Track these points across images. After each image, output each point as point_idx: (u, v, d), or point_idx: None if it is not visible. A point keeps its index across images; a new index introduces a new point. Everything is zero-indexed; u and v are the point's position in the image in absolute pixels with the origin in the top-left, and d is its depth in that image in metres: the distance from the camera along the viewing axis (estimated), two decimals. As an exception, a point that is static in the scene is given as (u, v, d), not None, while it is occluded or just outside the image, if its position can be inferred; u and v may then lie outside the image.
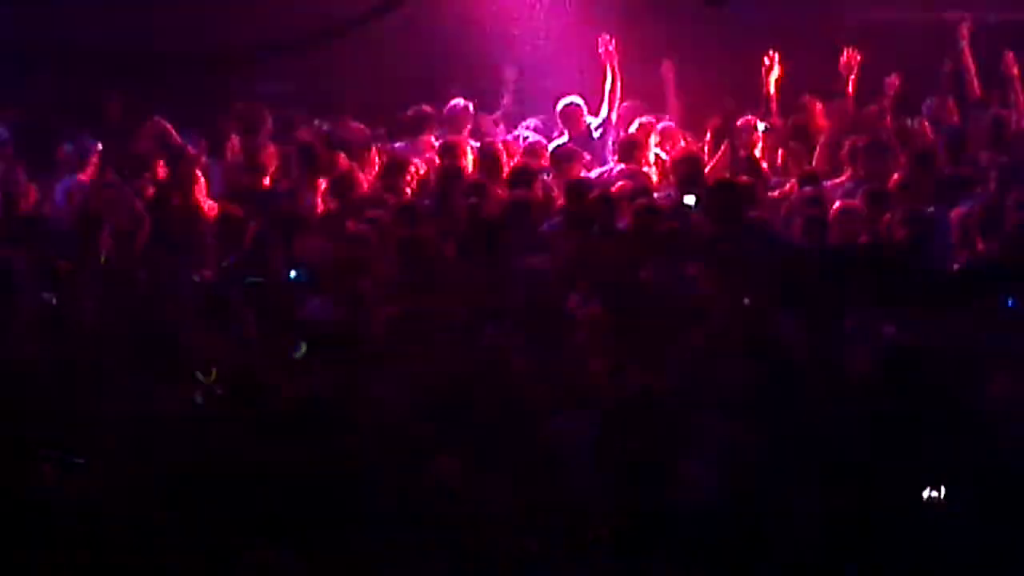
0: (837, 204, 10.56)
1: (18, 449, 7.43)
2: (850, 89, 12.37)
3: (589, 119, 12.77)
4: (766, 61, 12.25)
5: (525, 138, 12.57)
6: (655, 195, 11.10)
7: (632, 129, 12.38)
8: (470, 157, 11.91)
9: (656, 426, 7.60)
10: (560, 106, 12.76)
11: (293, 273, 9.79)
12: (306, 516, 7.00)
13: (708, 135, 12.27)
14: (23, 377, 8.05)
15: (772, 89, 12.25)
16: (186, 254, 9.74)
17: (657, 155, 12.22)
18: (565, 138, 12.57)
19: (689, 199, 10.85)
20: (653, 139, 12.30)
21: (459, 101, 12.91)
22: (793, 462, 7.43)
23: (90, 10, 13.82)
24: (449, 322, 8.81)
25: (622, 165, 11.93)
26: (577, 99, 12.78)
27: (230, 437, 7.48)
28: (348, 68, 14.20)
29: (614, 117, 12.76)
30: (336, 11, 13.89)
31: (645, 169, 11.93)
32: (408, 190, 11.39)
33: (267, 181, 11.79)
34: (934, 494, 7.28)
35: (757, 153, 11.96)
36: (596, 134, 12.69)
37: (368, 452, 7.52)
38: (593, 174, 11.94)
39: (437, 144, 12.40)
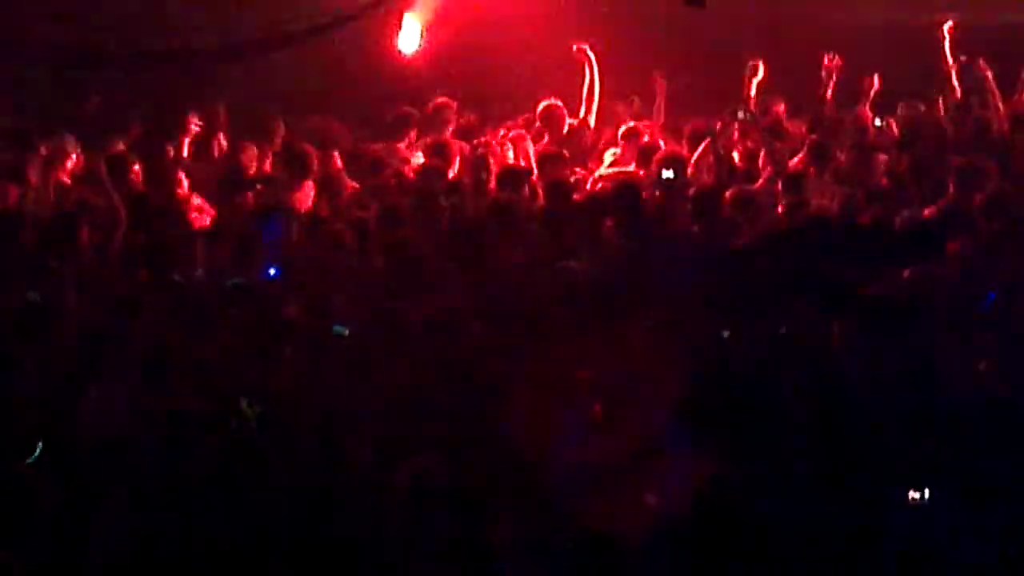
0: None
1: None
2: (829, 91, 12.44)
3: (569, 120, 12.82)
4: (749, 65, 12.29)
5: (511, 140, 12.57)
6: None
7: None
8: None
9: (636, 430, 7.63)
10: (540, 108, 12.79)
11: (272, 271, 9.79)
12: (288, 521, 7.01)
13: (686, 137, 12.34)
14: (7, 376, 8.03)
15: (752, 92, 12.30)
16: (169, 254, 9.70)
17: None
18: (545, 140, 12.61)
19: (668, 173, 11.04)
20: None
21: (443, 100, 12.96)
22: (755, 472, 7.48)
23: (68, 8, 13.81)
24: (432, 323, 8.81)
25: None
26: (557, 101, 12.81)
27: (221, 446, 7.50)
28: (333, 67, 14.24)
29: (592, 120, 12.81)
30: (323, 9, 13.93)
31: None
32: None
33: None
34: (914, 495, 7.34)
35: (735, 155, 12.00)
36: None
37: (347, 454, 7.53)
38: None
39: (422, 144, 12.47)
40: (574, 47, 12.83)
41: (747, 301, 8.71)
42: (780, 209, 10.69)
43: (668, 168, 11.18)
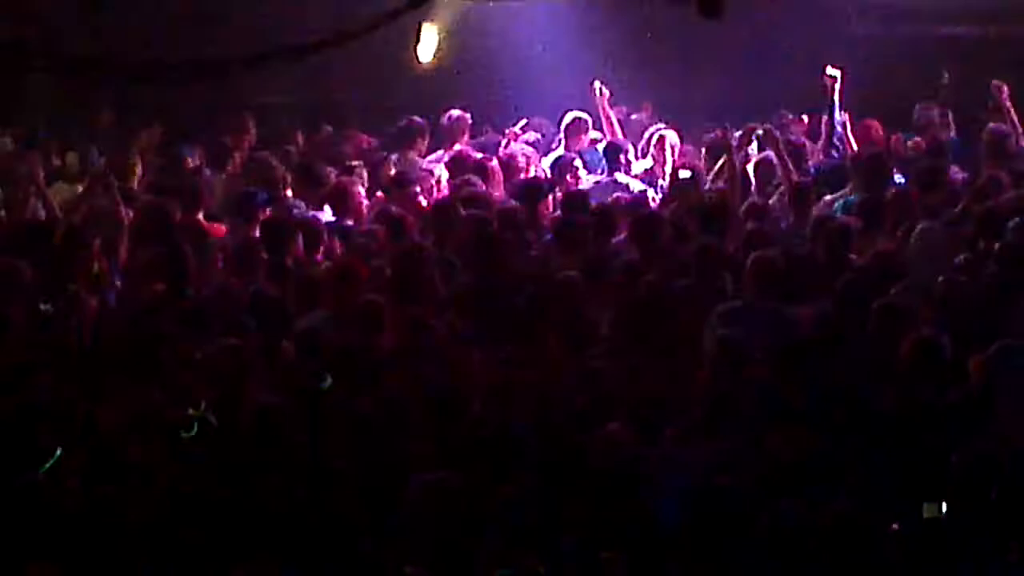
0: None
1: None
2: (837, 102, 12.38)
3: (593, 134, 12.87)
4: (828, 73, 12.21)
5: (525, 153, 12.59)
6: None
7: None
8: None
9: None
10: (567, 120, 12.82)
11: None
12: (297, 534, 7.04)
13: (704, 151, 12.36)
14: (17, 386, 8.08)
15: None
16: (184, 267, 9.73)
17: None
18: (561, 150, 12.64)
19: (685, 173, 11.23)
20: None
21: (455, 112, 13.02)
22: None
23: (88, 19, 13.89)
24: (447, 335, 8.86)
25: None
26: (582, 114, 12.83)
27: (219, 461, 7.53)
28: (350, 78, 14.30)
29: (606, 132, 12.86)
30: (338, 21, 13.98)
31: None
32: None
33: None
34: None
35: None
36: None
37: (360, 466, 7.56)
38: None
39: (436, 156, 12.53)
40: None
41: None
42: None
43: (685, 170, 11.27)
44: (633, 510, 7.20)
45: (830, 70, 12.11)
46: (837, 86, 12.12)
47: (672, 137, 12.51)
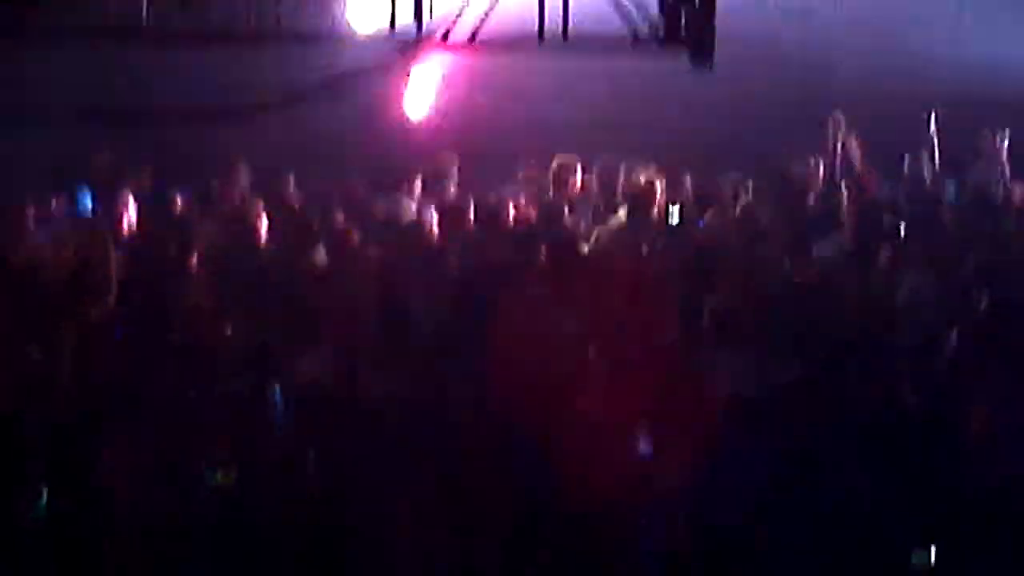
0: None
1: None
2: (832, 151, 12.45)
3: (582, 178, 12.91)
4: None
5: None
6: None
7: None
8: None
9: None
10: (554, 164, 12.86)
11: None
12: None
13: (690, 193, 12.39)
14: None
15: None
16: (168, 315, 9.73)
17: None
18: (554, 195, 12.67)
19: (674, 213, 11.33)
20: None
21: (444, 156, 13.02)
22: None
23: (79, 65, 13.89)
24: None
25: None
26: (570, 157, 12.87)
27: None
28: (341, 124, 14.28)
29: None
30: (329, 68, 14.01)
31: None
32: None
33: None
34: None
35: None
36: None
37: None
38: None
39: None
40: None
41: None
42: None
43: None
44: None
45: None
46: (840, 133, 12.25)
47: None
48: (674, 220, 11.32)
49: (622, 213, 12.49)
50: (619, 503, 7.59)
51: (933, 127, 12.82)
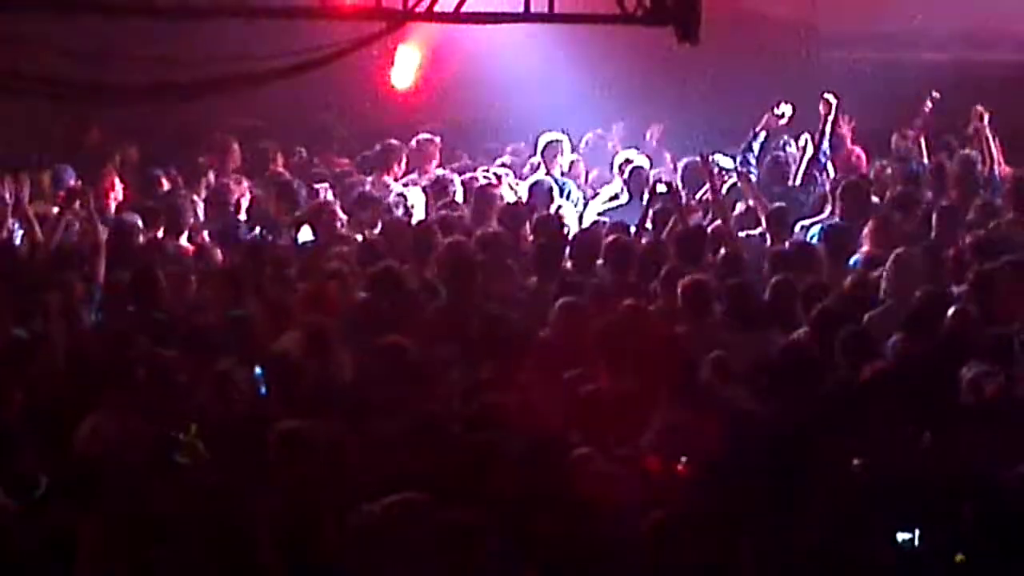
0: None
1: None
2: (825, 130, 12.41)
3: (570, 156, 12.89)
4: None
5: (497, 175, 12.59)
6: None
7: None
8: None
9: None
10: (543, 143, 12.82)
11: None
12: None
13: (679, 175, 12.36)
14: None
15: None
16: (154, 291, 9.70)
17: None
18: (542, 173, 12.64)
19: (661, 187, 11.21)
20: None
21: (423, 135, 12.98)
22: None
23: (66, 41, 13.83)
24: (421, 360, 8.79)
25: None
26: (558, 136, 12.85)
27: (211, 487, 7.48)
28: (327, 101, 14.26)
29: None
30: (315, 43, 13.96)
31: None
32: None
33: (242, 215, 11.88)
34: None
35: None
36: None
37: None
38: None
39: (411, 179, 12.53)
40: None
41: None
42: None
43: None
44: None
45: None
46: (831, 115, 12.23)
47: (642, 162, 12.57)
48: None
49: (611, 189, 12.50)
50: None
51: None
